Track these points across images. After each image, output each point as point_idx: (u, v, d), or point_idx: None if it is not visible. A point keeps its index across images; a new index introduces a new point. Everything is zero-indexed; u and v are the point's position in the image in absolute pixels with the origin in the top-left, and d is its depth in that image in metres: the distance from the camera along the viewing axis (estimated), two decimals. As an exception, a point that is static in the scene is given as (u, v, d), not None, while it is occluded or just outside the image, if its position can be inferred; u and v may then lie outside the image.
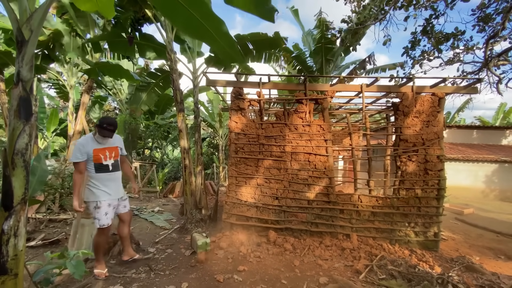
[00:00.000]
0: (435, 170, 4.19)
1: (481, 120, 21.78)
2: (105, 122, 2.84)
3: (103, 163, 2.90)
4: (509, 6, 5.93)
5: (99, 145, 2.89)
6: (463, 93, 4.44)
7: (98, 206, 2.85)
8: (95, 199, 2.85)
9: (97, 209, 2.86)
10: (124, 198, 3.19)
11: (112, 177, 2.98)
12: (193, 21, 1.76)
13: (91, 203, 2.86)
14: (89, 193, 2.88)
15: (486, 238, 5.71)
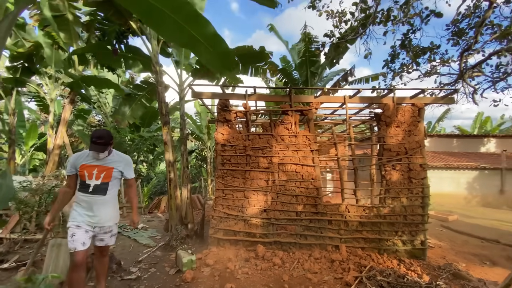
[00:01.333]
0: (418, 178, 4.27)
1: (460, 129, 22.75)
2: (94, 135, 2.47)
3: (86, 181, 2.52)
4: (481, 21, 6.34)
5: (91, 161, 2.54)
6: (441, 103, 4.62)
7: (68, 226, 2.51)
8: (70, 219, 2.55)
9: (68, 229, 2.51)
10: (106, 231, 2.64)
11: (90, 200, 2.52)
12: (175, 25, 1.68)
13: (68, 222, 2.57)
14: (70, 210, 2.63)
15: (471, 244, 5.81)
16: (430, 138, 14.46)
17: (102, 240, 2.66)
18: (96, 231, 2.60)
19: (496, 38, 7.02)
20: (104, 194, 2.58)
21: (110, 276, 3.53)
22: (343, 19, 7.42)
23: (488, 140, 14.40)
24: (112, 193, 2.65)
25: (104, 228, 2.62)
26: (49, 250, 3.46)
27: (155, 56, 5.10)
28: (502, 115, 21.64)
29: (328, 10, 7.48)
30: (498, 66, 7.67)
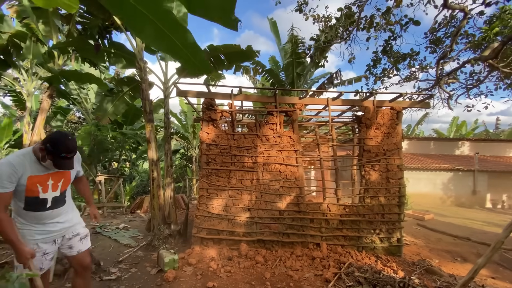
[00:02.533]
0: (395, 178, 4.47)
1: (437, 133, 23.85)
2: (62, 149, 1.82)
3: (40, 197, 1.88)
4: (456, 30, 6.70)
5: (42, 170, 1.89)
6: (418, 107, 4.85)
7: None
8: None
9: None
10: (71, 236, 2.09)
11: (48, 216, 1.96)
12: (157, 30, 1.71)
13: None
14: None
15: (445, 242, 6.12)
16: (409, 141, 15.07)
17: (72, 247, 2.10)
18: (59, 243, 2.05)
19: (470, 47, 7.46)
20: (64, 204, 2.06)
21: (89, 276, 3.43)
22: (329, 23, 7.63)
23: (463, 143, 15.20)
24: (69, 196, 2.14)
25: (74, 233, 2.11)
26: (24, 251, 3.34)
27: (140, 53, 5.02)
28: (475, 120, 22.87)
29: (315, 15, 7.66)
30: (471, 73, 8.15)
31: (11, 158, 1.81)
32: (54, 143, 1.80)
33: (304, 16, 7.57)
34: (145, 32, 1.79)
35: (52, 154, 1.81)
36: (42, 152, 1.83)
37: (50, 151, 1.81)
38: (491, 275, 4.23)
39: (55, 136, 1.85)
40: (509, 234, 1.84)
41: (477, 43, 7.02)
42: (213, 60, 5.66)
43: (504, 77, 7.61)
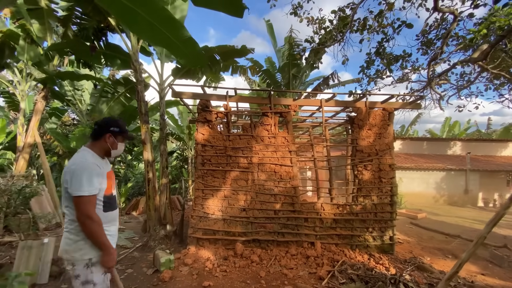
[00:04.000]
0: (387, 178, 4.57)
1: (430, 133, 24.18)
2: (124, 125, 1.86)
3: (113, 194, 1.84)
4: (446, 32, 6.84)
5: (107, 166, 1.86)
6: (409, 108, 4.96)
7: (93, 262, 1.67)
8: (90, 254, 1.66)
9: (92, 267, 1.67)
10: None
11: (117, 215, 1.90)
12: (153, 28, 1.76)
13: (81, 262, 1.65)
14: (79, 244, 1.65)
15: (436, 240, 6.25)
16: (403, 141, 15.28)
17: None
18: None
19: (460, 49, 7.62)
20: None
21: (85, 277, 3.45)
22: (323, 26, 7.72)
23: (455, 143, 15.45)
24: None
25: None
26: (19, 253, 3.35)
27: (135, 54, 5.04)
28: (468, 120, 23.28)
29: (309, 17, 7.76)
30: (462, 74, 8.32)
31: (89, 157, 1.73)
32: (117, 124, 1.82)
33: (299, 18, 7.66)
34: (140, 28, 1.84)
35: (121, 134, 1.84)
36: (110, 138, 1.80)
37: (119, 132, 1.81)
38: (481, 271, 4.34)
39: (110, 120, 1.85)
40: (491, 230, 1.93)
41: (467, 45, 7.18)
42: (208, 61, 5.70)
43: (494, 78, 7.79)
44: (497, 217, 1.88)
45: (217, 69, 6.55)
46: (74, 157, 1.72)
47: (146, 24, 1.81)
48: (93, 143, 1.80)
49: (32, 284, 3.05)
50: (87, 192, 1.60)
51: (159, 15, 1.79)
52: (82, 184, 1.59)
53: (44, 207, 5.93)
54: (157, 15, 1.78)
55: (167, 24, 1.86)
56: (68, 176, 1.61)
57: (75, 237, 1.65)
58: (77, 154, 1.75)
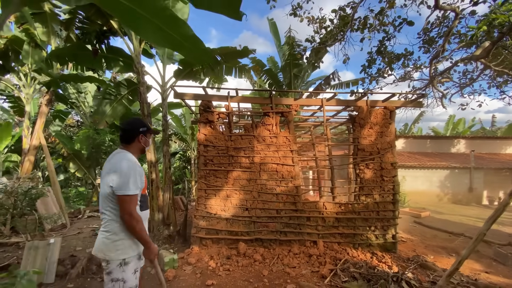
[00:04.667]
0: (389, 176, 4.57)
1: (434, 131, 24.02)
2: (147, 123, 1.98)
3: (146, 193, 1.95)
4: (448, 30, 6.82)
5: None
6: (410, 106, 4.96)
7: (126, 262, 1.77)
8: (124, 254, 1.75)
9: (124, 266, 1.77)
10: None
11: (147, 216, 1.99)
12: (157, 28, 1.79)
13: (115, 261, 1.74)
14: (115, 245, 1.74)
15: (440, 238, 6.23)
16: (406, 139, 15.21)
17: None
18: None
19: (462, 47, 7.59)
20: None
21: (90, 277, 3.51)
22: (323, 25, 7.73)
23: (458, 141, 15.34)
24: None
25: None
26: (26, 253, 3.42)
27: (137, 57, 5.10)
28: (473, 118, 23.08)
29: (309, 16, 7.77)
30: (465, 72, 8.28)
31: (132, 158, 1.83)
32: (143, 124, 1.94)
33: (299, 18, 7.67)
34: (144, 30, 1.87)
35: (150, 131, 1.98)
36: (143, 138, 1.91)
37: (147, 130, 1.94)
38: (484, 269, 4.33)
39: (136, 121, 1.96)
40: (491, 226, 1.94)
41: (469, 42, 7.15)
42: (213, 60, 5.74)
43: (497, 75, 7.75)
44: (497, 213, 1.89)
45: (219, 71, 6.59)
46: (118, 158, 1.80)
47: (150, 26, 1.84)
48: (127, 146, 1.89)
49: (38, 284, 3.12)
50: (132, 191, 1.69)
51: (162, 15, 1.81)
52: (129, 184, 1.69)
53: (49, 208, 6.02)
54: (160, 15, 1.81)
55: (171, 23, 1.88)
56: (115, 176, 1.70)
57: (114, 237, 1.73)
58: (119, 155, 1.83)
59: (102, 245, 1.75)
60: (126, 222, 1.70)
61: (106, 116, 5.78)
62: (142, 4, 1.67)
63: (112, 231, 1.74)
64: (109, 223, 1.76)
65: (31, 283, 1.46)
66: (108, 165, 1.80)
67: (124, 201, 1.69)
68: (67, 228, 6.11)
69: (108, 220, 1.76)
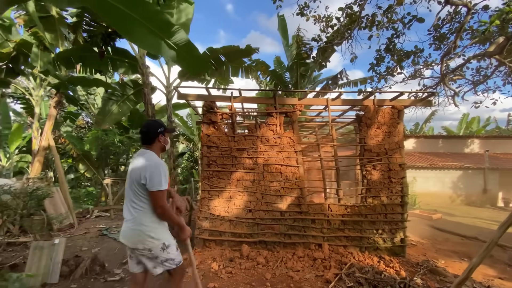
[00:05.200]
0: (398, 178, 4.42)
1: (446, 130, 23.33)
2: (163, 122, 2.16)
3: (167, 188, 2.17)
4: (460, 26, 6.57)
5: None
6: (420, 105, 4.79)
7: (167, 245, 2.02)
8: (163, 240, 2.00)
9: (167, 248, 2.01)
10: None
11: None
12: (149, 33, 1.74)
13: (156, 247, 1.97)
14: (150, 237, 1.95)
15: (452, 242, 6.01)
16: (417, 139, 14.82)
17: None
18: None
19: (475, 43, 7.30)
20: None
21: (94, 278, 3.53)
22: (330, 23, 7.59)
23: (472, 141, 14.84)
24: None
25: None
26: (31, 253, 3.46)
27: (142, 58, 5.13)
28: (488, 117, 22.31)
29: (315, 15, 7.64)
30: (478, 69, 7.97)
31: (157, 157, 2.05)
32: (161, 124, 2.13)
33: (305, 17, 7.56)
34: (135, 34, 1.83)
35: (167, 130, 2.16)
36: (162, 137, 2.10)
37: (166, 129, 2.13)
38: (498, 275, 4.14)
39: (154, 123, 2.16)
40: (503, 233, 1.81)
41: (483, 38, 6.87)
42: (213, 62, 5.73)
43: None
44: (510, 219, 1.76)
45: (225, 72, 6.57)
46: (147, 158, 1.99)
47: (142, 30, 1.78)
48: (149, 147, 2.08)
49: (42, 284, 3.14)
50: (163, 187, 1.91)
51: (155, 19, 1.75)
52: (161, 181, 1.90)
53: (58, 208, 6.13)
54: (153, 20, 1.75)
55: (164, 29, 1.82)
56: (147, 174, 1.89)
57: (147, 228, 1.94)
58: (147, 156, 2.01)
59: (138, 237, 1.94)
60: (160, 213, 1.93)
61: (109, 117, 5.83)
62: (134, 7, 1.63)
63: (145, 223, 1.94)
64: (141, 216, 1.95)
65: (23, 286, 1.45)
66: (136, 165, 1.98)
67: (157, 196, 1.90)
68: (75, 228, 6.21)
69: (140, 213, 1.95)
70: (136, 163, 1.99)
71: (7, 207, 4.15)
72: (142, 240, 1.93)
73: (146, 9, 1.67)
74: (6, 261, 3.88)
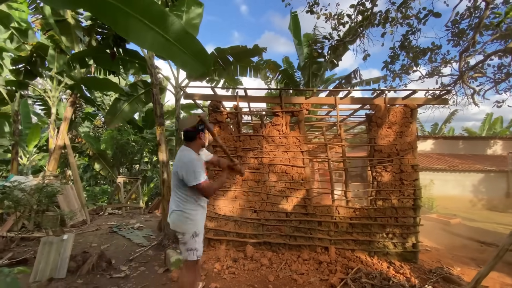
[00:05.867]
0: (410, 180, 4.22)
1: (468, 131, 22.23)
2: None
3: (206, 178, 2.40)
4: (479, 21, 6.22)
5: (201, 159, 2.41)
6: (434, 104, 4.56)
7: (197, 233, 2.32)
8: (195, 227, 2.31)
9: (196, 237, 2.31)
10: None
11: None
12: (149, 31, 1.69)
13: (189, 234, 2.28)
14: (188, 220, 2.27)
15: (470, 248, 5.69)
16: (435, 140, 14.23)
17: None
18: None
19: (497, 39, 6.88)
20: None
21: (100, 274, 3.60)
22: (341, 21, 7.41)
23: (495, 142, 14.06)
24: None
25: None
26: (41, 248, 3.58)
27: (150, 59, 5.20)
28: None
29: (326, 13, 7.48)
30: (500, 66, 7.51)
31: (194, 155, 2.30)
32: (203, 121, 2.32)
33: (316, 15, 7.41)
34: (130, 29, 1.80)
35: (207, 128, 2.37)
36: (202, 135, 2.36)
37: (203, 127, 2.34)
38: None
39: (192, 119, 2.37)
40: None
41: (504, 34, 6.46)
42: (221, 63, 5.73)
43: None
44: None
45: (233, 71, 6.56)
46: (182, 156, 2.29)
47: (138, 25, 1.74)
48: (189, 144, 2.35)
49: (49, 279, 3.24)
50: (199, 180, 2.18)
51: (149, 10, 1.70)
52: (195, 176, 2.18)
53: (72, 205, 6.34)
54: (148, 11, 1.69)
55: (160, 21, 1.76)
56: (183, 172, 2.20)
57: (187, 214, 2.27)
58: (182, 153, 2.31)
59: (178, 221, 2.28)
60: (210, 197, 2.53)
61: (118, 117, 5.96)
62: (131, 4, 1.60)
63: (186, 210, 2.27)
64: (183, 204, 2.27)
65: (14, 282, 1.46)
66: (175, 162, 2.33)
67: (197, 189, 2.23)
68: (87, 224, 6.40)
69: (182, 202, 2.28)
70: (176, 160, 2.33)
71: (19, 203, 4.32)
72: (179, 224, 2.27)
73: (139, 1, 1.64)
74: (18, 255, 4.04)
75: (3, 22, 6.13)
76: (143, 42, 1.94)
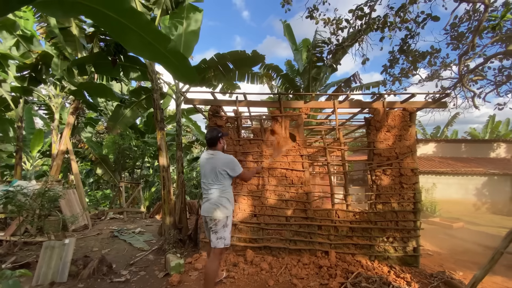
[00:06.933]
0: (410, 183, 4.21)
1: (471, 134, 22.08)
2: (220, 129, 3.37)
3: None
4: (478, 24, 6.25)
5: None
6: (433, 107, 4.57)
7: (227, 224, 2.79)
8: (230, 212, 2.82)
9: (226, 227, 2.78)
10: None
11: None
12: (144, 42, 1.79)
13: (221, 222, 2.74)
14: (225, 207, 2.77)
15: (472, 252, 5.64)
16: (437, 143, 14.16)
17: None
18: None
19: (496, 41, 6.90)
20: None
21: (100, 278, 3.61)
22: (340, 26, 7.47)
23: (498, 145, 13.96)
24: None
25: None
26: (43, 252, 3.61)
27: (151, 65, 5.28)
28: (517, 120, 20.78)
29: (325, 18, 7.56)
30: (500, 69, 7.51)
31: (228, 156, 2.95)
32: (219, 131, 2.99)
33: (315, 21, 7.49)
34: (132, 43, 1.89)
35: (224, 135, 3.02)
36: (222, 140, 2.97)
37: (224, 134, 3.01)
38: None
39: (215, 129, 3.02)
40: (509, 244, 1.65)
41: (505, 36, 6.49)
42: (221, 69, 5.79)
43: (539, 71, 6.91)
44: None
45: (232, 77, 6.61)
46: (222, 156, 2.88)
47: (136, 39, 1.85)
48: (215, 147, 2.93)
49: (51, 282, 3.26)
50: (241, 169, 2.91)
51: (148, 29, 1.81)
52: (240, 167, 2.90)
53: (74, 209, 6.39)
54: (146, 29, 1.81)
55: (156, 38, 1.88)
56: (230, 166, 2.83)
57: (221, 203, 2.75)
58: (220, 154, 2.90)
59: (215, 206, 2.74)
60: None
61: (120, 122, 6.03)
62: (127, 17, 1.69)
63: (220, 200, 2.75)
64: (219, 192, 2.77)
65: (16, 284, 1.49)
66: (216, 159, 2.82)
67: (241, 177, 2.96)
68: (89, 229, 6.43)
69: (218, 190, 2.78)
70: (214, 158, 2.83)
71: (23, 208, 4.37)
72: (213, 212, 2.70)
73: (138, 19, 1.73)
74: (21, 259, 4.07)
75: (9, 29, 6.27)
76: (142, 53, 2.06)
